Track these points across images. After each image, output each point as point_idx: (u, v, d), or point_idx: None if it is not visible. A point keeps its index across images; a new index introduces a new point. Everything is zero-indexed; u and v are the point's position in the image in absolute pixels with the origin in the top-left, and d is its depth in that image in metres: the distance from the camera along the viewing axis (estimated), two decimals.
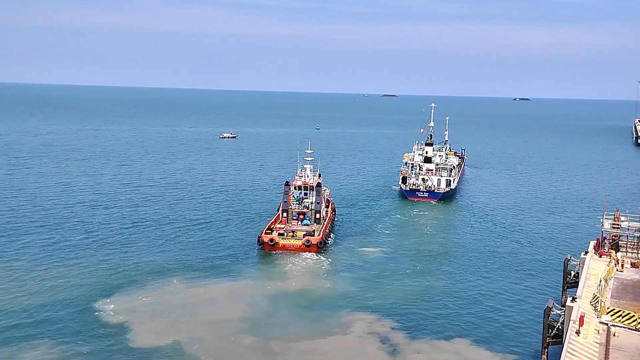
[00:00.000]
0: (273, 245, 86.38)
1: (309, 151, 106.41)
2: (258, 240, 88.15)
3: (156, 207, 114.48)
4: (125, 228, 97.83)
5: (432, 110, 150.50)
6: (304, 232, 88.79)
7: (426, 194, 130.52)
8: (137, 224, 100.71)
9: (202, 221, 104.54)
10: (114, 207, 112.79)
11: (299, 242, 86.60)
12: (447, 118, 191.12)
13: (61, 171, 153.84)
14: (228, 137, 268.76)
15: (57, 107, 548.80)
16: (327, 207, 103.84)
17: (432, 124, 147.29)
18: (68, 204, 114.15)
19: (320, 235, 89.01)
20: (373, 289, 72.78)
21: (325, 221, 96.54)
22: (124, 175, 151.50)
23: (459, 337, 59.83)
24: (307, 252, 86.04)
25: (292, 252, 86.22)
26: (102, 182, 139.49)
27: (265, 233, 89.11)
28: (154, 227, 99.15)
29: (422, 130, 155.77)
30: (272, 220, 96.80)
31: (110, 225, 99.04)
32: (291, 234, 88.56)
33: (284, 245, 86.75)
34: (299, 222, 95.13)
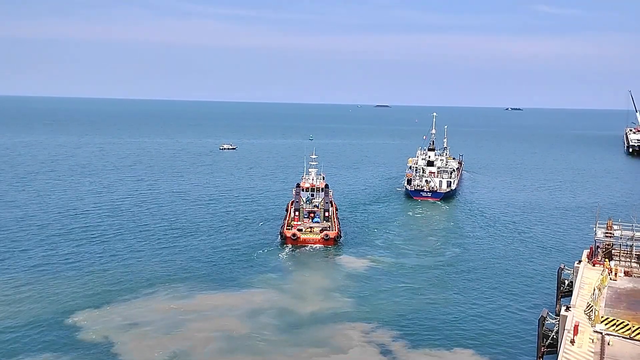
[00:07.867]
0: (295, 239, 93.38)
1: (314, 156, 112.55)
2: (281, 235, 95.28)
3: (157, 216, 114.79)
4: (125, 237, 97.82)
5: (434, 119, 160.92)
6: (320, 228, 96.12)
7: (429, 194, 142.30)
8: (138, 232, 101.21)
9: (205, 228, 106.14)
10: (114, 218, 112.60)
11: (318, 237, 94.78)
12: (446, 127, 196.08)
13: (62, 183, 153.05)
14: (228, 149, 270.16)
15: (51, 120, 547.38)
16: (331, 206, 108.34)
17: (434, 131, 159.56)
18: (72, 214, 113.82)
19: (336, 230, 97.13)
20: (373, 299, 73.32)
21: (333, 219, 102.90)
22: (125, 186, 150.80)
23: (458, 346, 60.45)
24: (325, 245, 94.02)
25: (312, 244, 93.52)
26: (107, 195, 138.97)
27: (286, 229, 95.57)
28: (155, 235, 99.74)
29: (424, 137, 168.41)
30: (286, 218, 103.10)
31: (109, 236, 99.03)
32: (309, 229, 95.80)
33: (305, 240, 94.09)
34: (310, 220, 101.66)
